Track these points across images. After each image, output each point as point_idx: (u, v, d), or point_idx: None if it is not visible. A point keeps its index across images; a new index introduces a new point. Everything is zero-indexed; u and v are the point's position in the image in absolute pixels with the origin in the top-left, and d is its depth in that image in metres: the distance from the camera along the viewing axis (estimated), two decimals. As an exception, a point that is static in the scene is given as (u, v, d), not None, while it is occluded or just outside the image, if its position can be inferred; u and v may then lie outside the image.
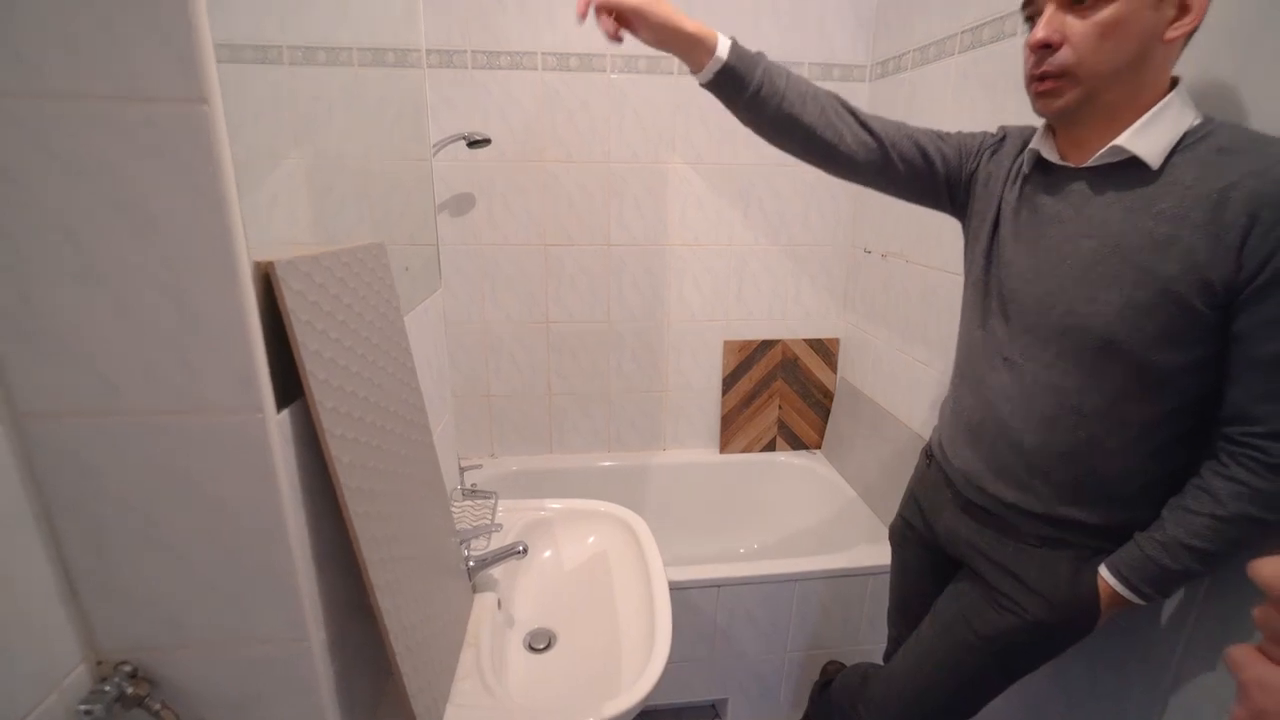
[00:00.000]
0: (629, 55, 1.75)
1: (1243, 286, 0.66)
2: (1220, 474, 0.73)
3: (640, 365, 2.02)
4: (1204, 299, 0.68)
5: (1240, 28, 0.80)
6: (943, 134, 0.97)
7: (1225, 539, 0.72)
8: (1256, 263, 0.65)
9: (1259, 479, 0.70)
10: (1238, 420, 0.72)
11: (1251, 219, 0.64)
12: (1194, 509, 0.74)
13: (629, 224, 1.88)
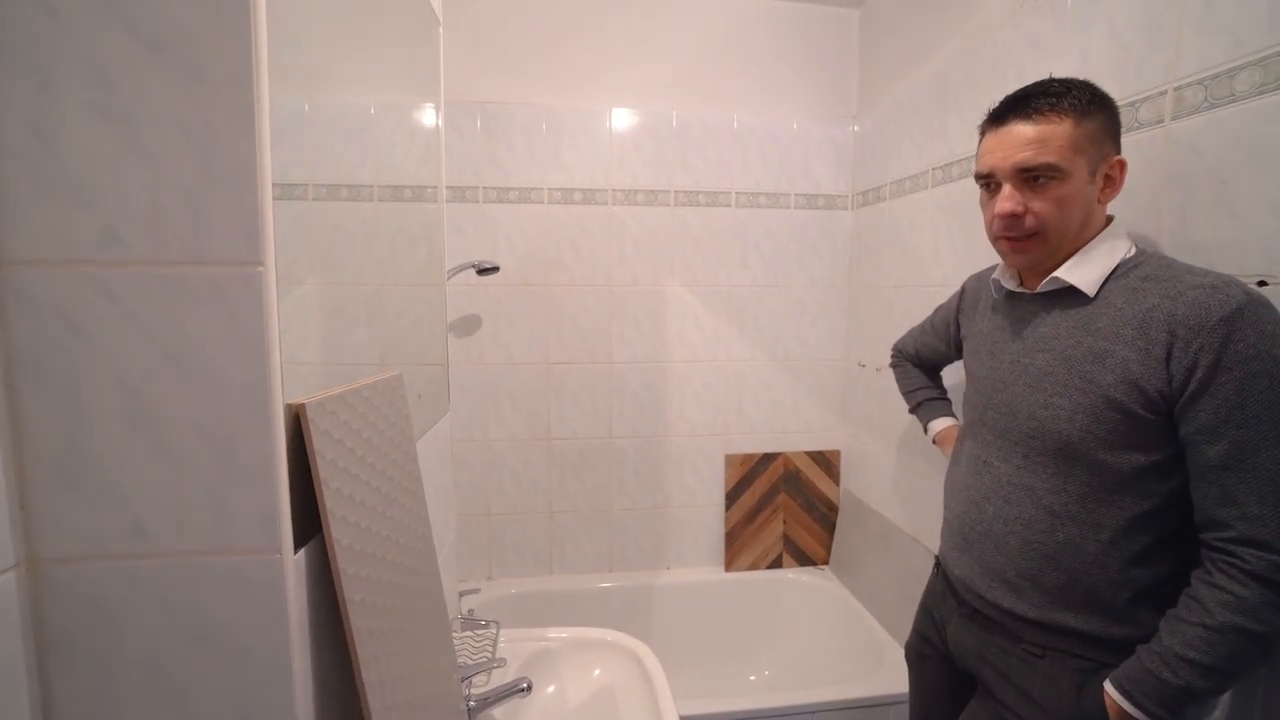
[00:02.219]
0: (628, 190, 1.90)
1: (1177, 396, 0.74)
2: (1205, 581, 0.74)
3: (642, 481, 2.01)
4: (1143, 405, 0.76)
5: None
6: (931, 324, 1.27)
7: (1221, 652, 0.71)
8: (1183, 375, 0.73)
9: (1241, 587, 0.71)
10: (1209, 526, 0.75)
11: (1171, 336, 0.74)
12: (1186, 618, 0.74)
13: (630, 342, 1.95)
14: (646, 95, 1.89)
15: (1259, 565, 0.70)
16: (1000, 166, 0.85)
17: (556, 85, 1.85)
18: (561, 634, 1.13)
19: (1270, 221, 0.81)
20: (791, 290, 2.02)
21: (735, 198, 1.96)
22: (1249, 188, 0.84)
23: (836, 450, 2.08)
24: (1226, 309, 0.71)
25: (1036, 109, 0.83)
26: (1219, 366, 0.71)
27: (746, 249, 1.98)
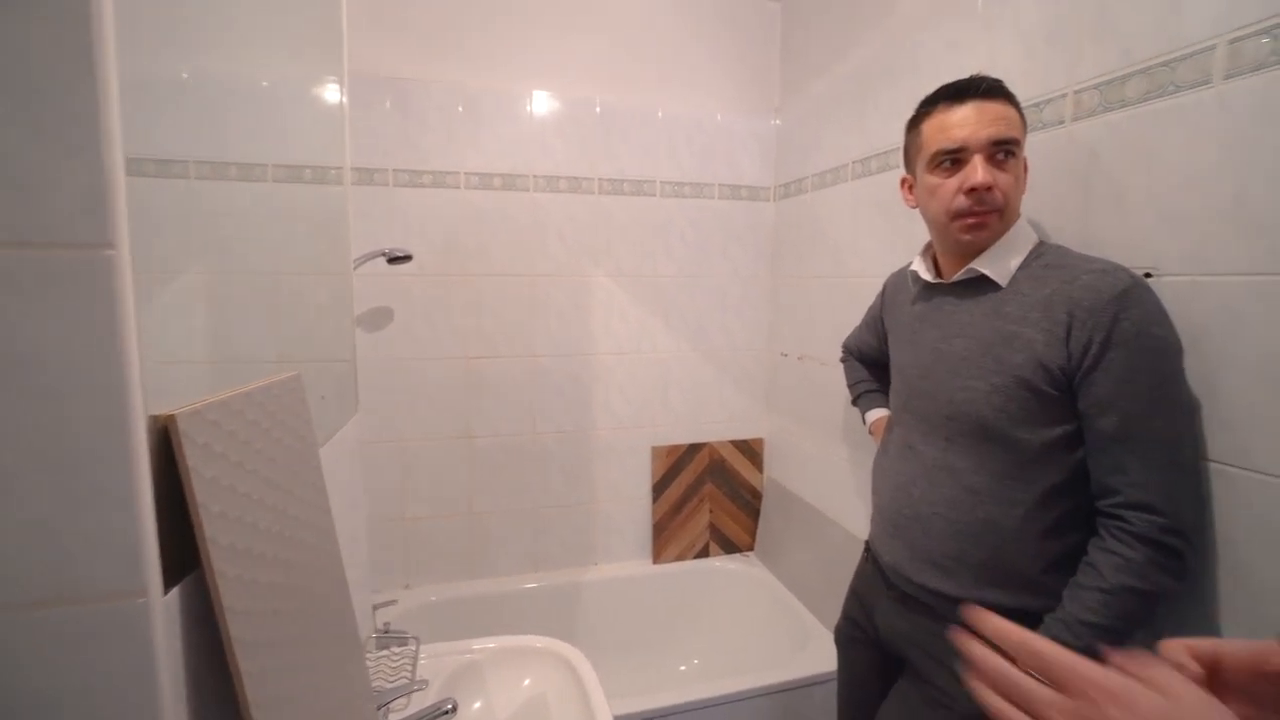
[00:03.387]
0: (551, 177, 1.83)
1: (1075, 372, 0.80)
2: (1099, 547, 0.80)
3: (568, 477, 1.96)
4: (1049, 383, 0.82)
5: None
6: (865, 321, 1.33)
7: (1115, 613, 0.77)
8: (1080, 351, 0.79)
9: (1129, 549, 0.77)
10: (1103, 494, 0.81)
11: (1070, 317, 0.80)
12: (1084, 584, 0.80)
13: (553, 335, 1.89)
14: (569, 79, 1.82)
15: (1144, 527, 0.76)
16: (974, 139, 0.86)
17: (474, 64, 1.75)
18: (488, 644, 1.07)
19: (1155, 220, 0.87)
20: (716, 281, 2.02)
21: (660, 187, 1.93)
22: (1138, 188, 0.90)
23: (761, 439, 2.12)
24: (1115, 290, 0.77)
25: (992, 91, 0.87)
26: (1109, 344, 0.77)
27: (671, 239, 1.96)
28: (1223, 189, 0.79)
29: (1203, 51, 0.81)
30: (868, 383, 1.32)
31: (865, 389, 1.32)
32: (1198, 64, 0.82)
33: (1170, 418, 0.78)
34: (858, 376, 1.35)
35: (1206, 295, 0.81)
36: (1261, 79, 0.75)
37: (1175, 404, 0.79)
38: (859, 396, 1.34)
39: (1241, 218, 0.77)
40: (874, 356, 1.29)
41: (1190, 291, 0.82)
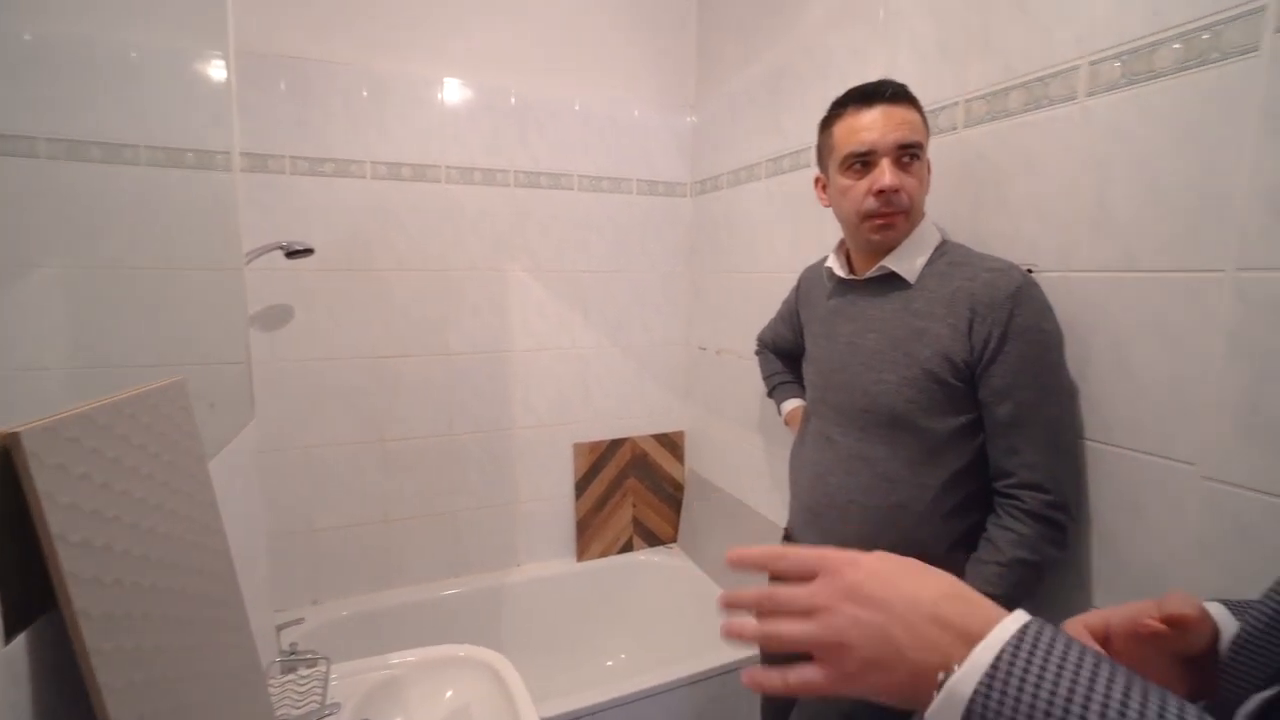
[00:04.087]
0: (465, 168, 1.77)
1: (976, 364, 0.85)
2: (996, 524, 0.87)
3: (488, 478, 1.90)
4: (953, 375, 0.87)
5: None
6: (780, 315, 1.36)
7: (1011, 583, 0.84)
8: (980, 344, 0.85)
9: (1021, 524, 0.84)
10: (999, 475, 0.88)
11: (972, 312, 0.85)
12: (983, 559, 0.87)
13: (469, 332, 1.83)
14: (483, 68, 1.76)
15: (1034, 504, 0.83)
16: (881, 142, 0.90)
17: (381, 47, 1.65)
18: (406, 657, 1.02)
19: (1035, 221, 0.95)
20: (635, 276, 2.03)
21: (578, 181, 1.91)
22: (1020, 191, 0.98)
23: (681, 431, 2.15)
24: (1011, 288, 0.84)
25: (898, 95, 0.92)
26: (1006, 337, 0.83)
27: (590, 234, 1.94)
28: (1087, 195, 0.87)
29: (1068, 71, 0.89)
30: (782, 375, 1.37)
31: (780, 381, 1.37)
32: (1065, 81, 0.90)
33: (1055, 403, 0.86)
34: (773, 369, 1.39)
35: (1074, 290, 0.89)
36: (1116, 98, 0.83)
37: (1059, 390, 0.87)
38: (774, 388, 1.38)
39: (1102, 221, 0.86)
40: (788, 349, 1.33)
41: (1062, 286, 0.91)
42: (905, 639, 0.34)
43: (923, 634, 0.34)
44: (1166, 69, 0.78)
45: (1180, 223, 0.77)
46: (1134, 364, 0.83)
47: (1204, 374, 0.75)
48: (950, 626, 0.34)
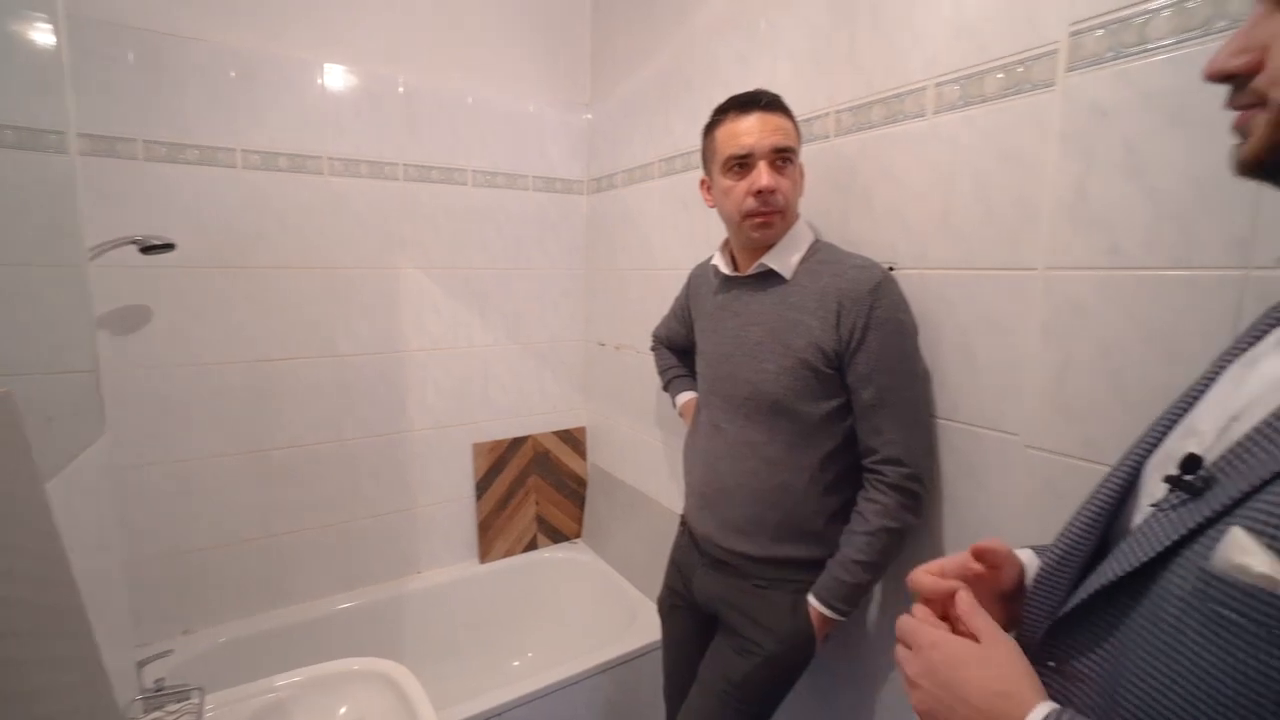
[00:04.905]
0: (349, 160, 1.68)
1: (843, 352, 0.94)
2: (865, 498, 0.97)
3: (383, 484, 1.83)
4: (824, 363, 0.95)
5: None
6: (673, 311, 1.41)
7: (876, 549, 0.94)
8: (847, 335, 0.93)
9: (885, 496, 0.94)
10: (866, 453, 0.98)
11: (840, 305, 0.94)
12: (855, 530, 0.96)
13: (359, 333, 1.74)
14: (367, 54, 1.68)
15: (895, 477, 0.93)
16: (759, 146, 0.97)
17: (248, 24, 1.52)
18: (293, 677, 0.97)
19: (895, 224, 1.06)
20: (532, 273, 2.02)
21: (472, 176, 1.87)
22: (883, 196, 1.08)
23: (582, 427, 2.17)
24: (872, 282, 0.93)
25: (773, 104, 0.99)
26: (868, 328, 0.92)
27: (485, 230, 1.91)
28: (935, 202, 0.99)
29: (919, 90, 1.00)
30: (677, 369, 1.42)
31: (675, 374, 1.42)
32: (916, 99, 1.01)
33: (912, 386, 0.97)
34: (667, 363, 1.45)
35: (928, 285, 1.01)
36: (956, 116, 0.95)
37: (915, 374, 0.98)
38: (669, 382, 1.43)
39: (948, 225, 0.97)
40: (682, 344, 1.39)
41: (918, 282, 1.02)
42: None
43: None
44: (992, 94, 0.90)
45: (1005, 227, 0.89)
46: (974, 350, 0.95)
47: (1025, 359, 0.87)
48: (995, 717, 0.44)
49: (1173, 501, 0.42)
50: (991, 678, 0.46)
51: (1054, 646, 0.48)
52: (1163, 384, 0.71)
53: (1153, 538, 0.42)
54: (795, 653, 1.00)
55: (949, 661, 0.48)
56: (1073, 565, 0.51)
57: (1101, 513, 0.51)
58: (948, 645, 0.49)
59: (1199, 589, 0.37)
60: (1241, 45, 0.42)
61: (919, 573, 0.57)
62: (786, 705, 1.06)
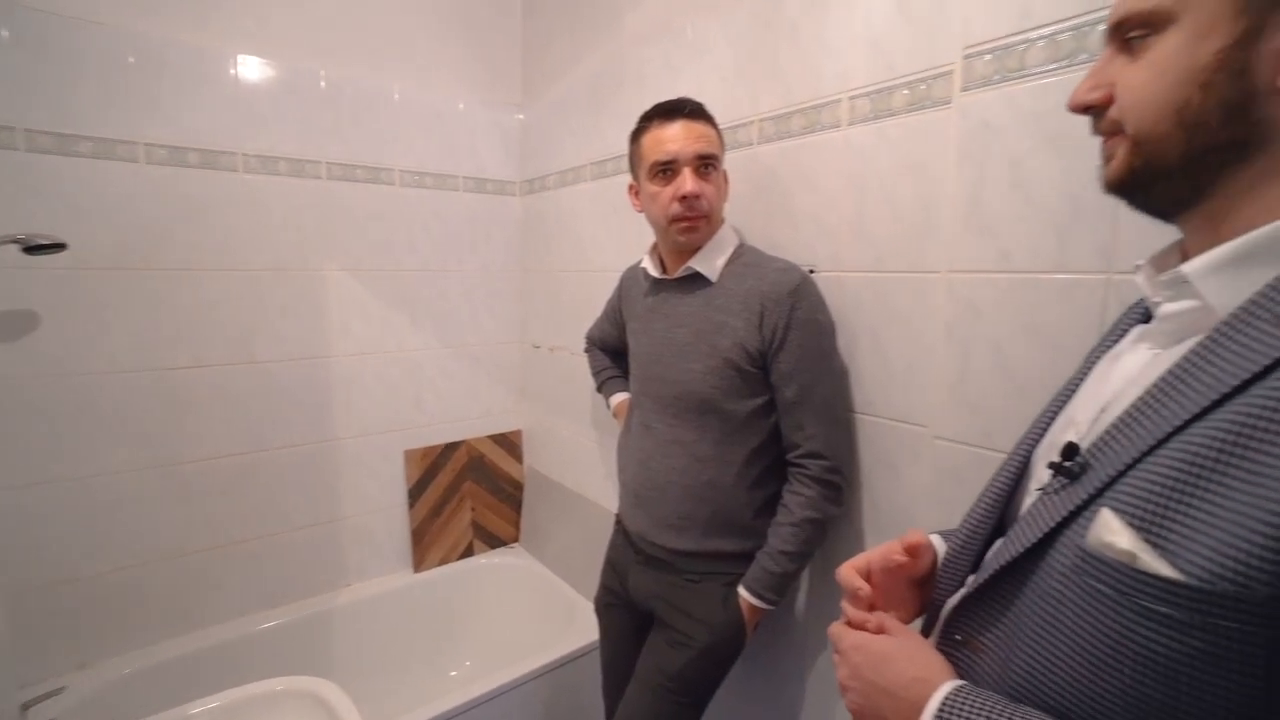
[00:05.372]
0: (267, 156, 1.60)
1: (766, 351, 0.99)
2: (789, 490, 1.02)
3: (309, 495, 1.75)
4: (749, 362, 0.99)
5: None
6: (605, 313, 1.43)
7: (801, 539, 0.99)
8: (769, 335, 0.98)
9: (808, 488, 0.99)
10: (790, 448, 1.02)
11: (763, 307, 0.98)
12: (780, 521, 1.01)
13: (281, 337, 1.66)
14: (287, 46, 1.60)
15: (817, 470, 0.99)
16: (683, 153, 1.00)
17: (148, 6, 1.42)
18: (209, 704, 0.92)
19: (814, 228, 1.11)
20: (465, 274, 1.98)
21: (400, 176, 1.82)
22: (803, 202, 1.13)
23: (518, 430, 2.15)
24: (792, 284, 0.98)
25: (696, 112, 1.02)
26: (789, 328, 0.97)
27: (415, 231, 1.87)
28: (849, 208, 1.05)
29: (834, 103, 1.06)
30: (610, 370, 1.44)
31: (608, 376, 1.44)
32: (831, 111, 1.06)
33: (831, 383, 1.02)
34: (601, 364, 1.46)
35: (845, 287, 1.06)
36: (868, 128, 1.01)
37: (833, 372, 1.03)
38: (603, 383, 1.45)
39: (861, 230, 1.03)
40: (615, 345, 1.41)
41: (836, 284, 1.07)
42: (889, 711, 0.50)
43: (896, 709, 0.49)
44: (899, 109, 0.96)
45: (912, 232, 0.96)
46: (887, 348, 1.01)
47: (931, 355, 0.94)
48: (913, 704, 0.48)
49: (1055, 486, 0.47)
50: (908, 667, 0.50)
51: (960, 623, 0.53)
52: (1048, 377, 0.78)
53: (1039, 520, 0.47)
54: (727, 643, 1.04)
55: (870, 661, 0.52)
56: (974, 548, 0.56)
57: (998, 499, 0.56)
58: (869, 645, 0.54)
59: (1076, 565, 0.42)
60: (1095, 82, 0.47)
61: (847, 569, 0.61)
62: (721, 694, 1.10)
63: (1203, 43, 0.40)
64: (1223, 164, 0.42)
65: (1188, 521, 0.36)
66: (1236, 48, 0.39)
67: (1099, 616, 0.40)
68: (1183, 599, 0.35)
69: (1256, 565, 0.33)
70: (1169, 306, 0.46)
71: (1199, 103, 0.41)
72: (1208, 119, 0.41)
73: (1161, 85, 0.42)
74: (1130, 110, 0.44)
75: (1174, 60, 0.41)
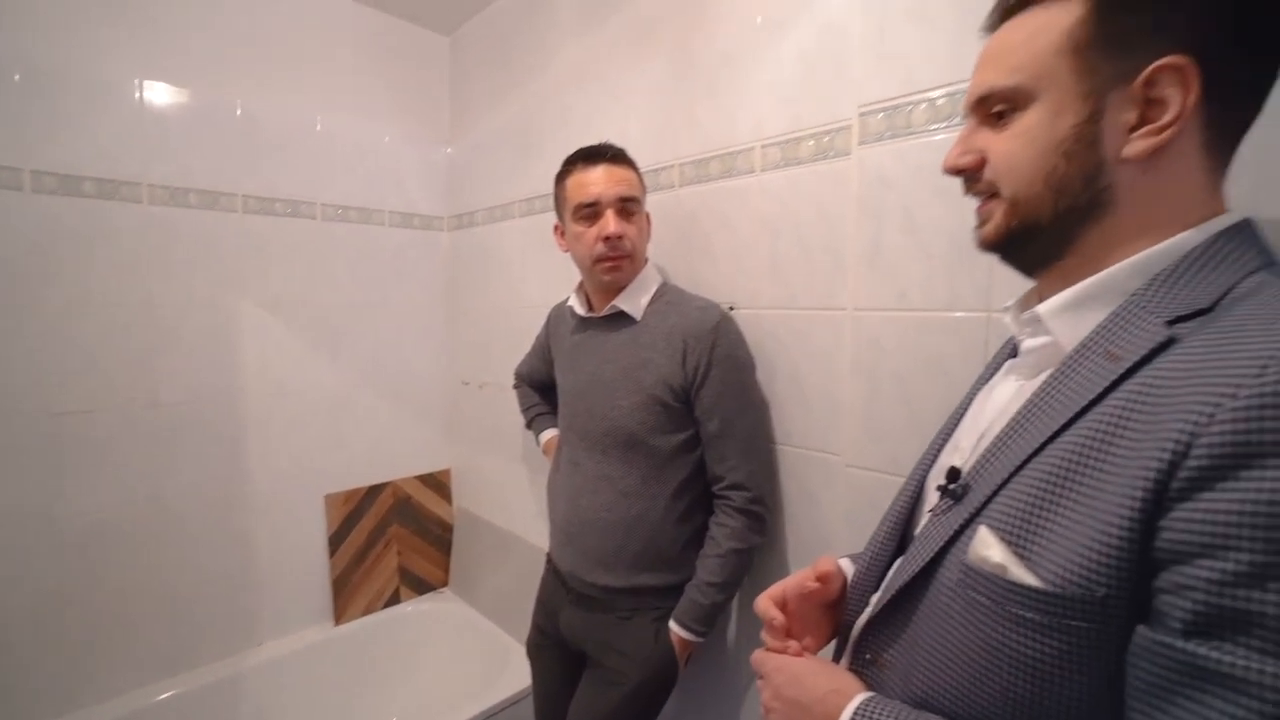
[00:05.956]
0: (176, 188, 1.53)
1: (690, 386, 1.02)
2: (715, 522, 1.04)
3: (215, 548, 1.63)
4: (673, 398, 1.02)
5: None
6: (534, 349, 1.43)
7: (727, 570, 1.02)
8: (692, 371, 1.01)
9: (732, 519, 1.02)
10: (714, 480, 1.05)
11: (685, 344, 1.02)
12: (707, 553, 1.03)
13: (186, 378, 1.56)
14: (199, 73, 1.55)
15: (741, 500, 1.01)
16: (605, 195, 1.03)
17: (45, 21, 1.35)
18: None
19: (734, 268, 1.17)
20: (391, 310, 1.94)
21: (322, 210, 1.78)
22: (722, 243, 1.19)
23: (447, 469, 2.09)
24: (712, 323, 1.02)
25: (617, 157, 1.06)
26: (711, 364, 1.00)
27: (339, 266, 1.82)
28: (765, 249, 1.11)
29: (747, 150, 1.13)
30: (539, 406, 1.44)
31: (537, 412, 1.43)
32: (746, 158, 1.13)
33: (752, 416, 1.06)
34: (530, 401, 1.46)
35: (763, 323, 1.12)
36: (779, 175, 1.08)
37: (754, 405, 1.07)
38: (532, 420, 1.44)
39: (776, 269, 1.09)
40: (544, 381, 1.41)
41: (754, 321, 1.12)
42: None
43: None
44: (806, 158, 1.03)
45: (822, 272, 1.02)
46: (803, 382, 1.06)
47: (841, 388, 0.99)
48: (829, 715, 0.50)
49: (942, 508, 0.51)
50: (824, 682, 0.53)
51: (867, 643, 0.56)
52: (944, 406, 0.83)
53: (930, 540, 0.50)
54: (659, 678, 1.03)
55: (790, 681, 0.55)
56: (878, 570, 0.60)
57: (898, 522, 0.60)
58: (788, 666, 0.56)
59: (961, 579, 0.46)
60: (964, 149, 0.53)
61: (764, 600, 0.63)
62: (653, 732, 1.09)
63: (1060, 118, 0.46)
64: (1082, 223, 0.47)
65: (1045, 533, 0.41)
66: (1088, 123, 0.45)
67: (980, 626, 0.43)
68: (1044, 604, 0.39)
69: (1095, 569, 0.37)
70: (1029, 342, 0.52)
71: (1064, 169, 0.46)
72: (1071, 183, 0.46)
73: (1032, 153, 0.47)
74: (1005, 175, 0.50)
75: (1039, 132, 0.47)
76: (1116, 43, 0.44)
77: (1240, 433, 0.32)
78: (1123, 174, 0.45)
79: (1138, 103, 0.43)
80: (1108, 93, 0.44)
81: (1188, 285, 0.42)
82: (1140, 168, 0.44)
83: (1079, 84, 0.45)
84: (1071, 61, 0.45)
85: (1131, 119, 0.44)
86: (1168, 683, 0.34)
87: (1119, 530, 0.36)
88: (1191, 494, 0.33)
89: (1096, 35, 0.44)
